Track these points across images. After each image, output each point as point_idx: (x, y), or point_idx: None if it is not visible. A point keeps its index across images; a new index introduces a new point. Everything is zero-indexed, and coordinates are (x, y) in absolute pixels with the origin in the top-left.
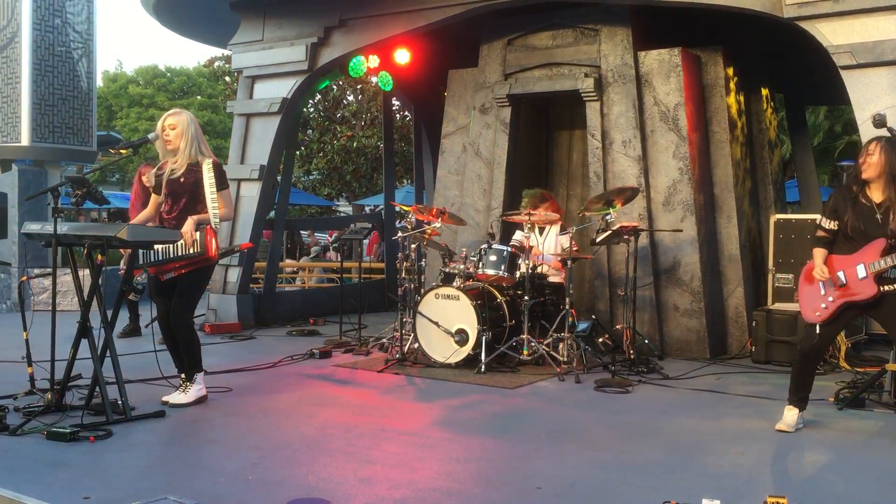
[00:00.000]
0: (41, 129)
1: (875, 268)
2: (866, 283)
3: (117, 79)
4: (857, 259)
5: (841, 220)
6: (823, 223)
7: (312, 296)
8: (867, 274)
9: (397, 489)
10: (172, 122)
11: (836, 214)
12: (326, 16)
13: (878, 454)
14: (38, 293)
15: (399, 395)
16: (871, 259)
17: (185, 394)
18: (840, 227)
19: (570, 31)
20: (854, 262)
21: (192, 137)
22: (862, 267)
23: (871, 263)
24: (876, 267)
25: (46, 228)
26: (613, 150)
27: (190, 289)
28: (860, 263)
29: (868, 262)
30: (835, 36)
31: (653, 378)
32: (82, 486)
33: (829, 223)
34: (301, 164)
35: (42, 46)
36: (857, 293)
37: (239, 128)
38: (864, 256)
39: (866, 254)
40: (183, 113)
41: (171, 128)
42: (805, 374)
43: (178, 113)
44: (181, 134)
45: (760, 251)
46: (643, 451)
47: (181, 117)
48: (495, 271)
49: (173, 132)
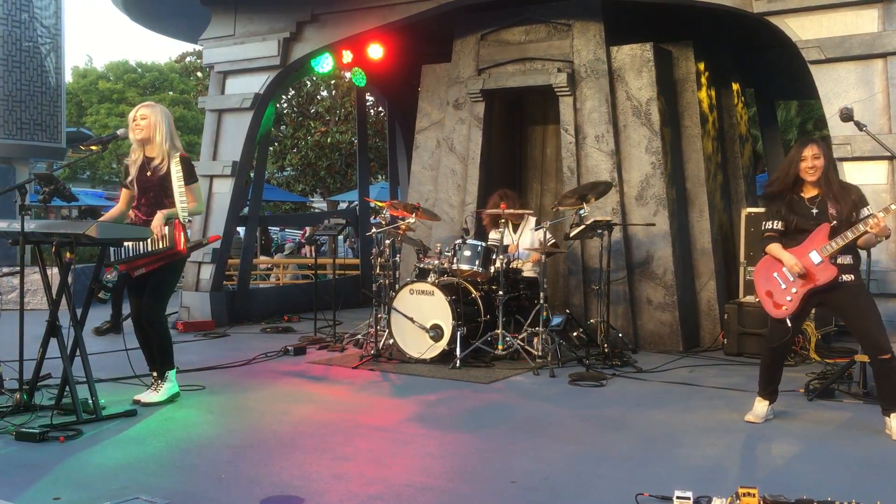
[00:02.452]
0: (9, 125)
1: (827, 251)
2: (823, 266)
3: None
4: (808, 247)
5: (786, 221)
6: (770, 225)
7: (287, 293)
8: (822, 258)
9: (371, 485)
10: (145, 113)
11: (778, 216)
12: (298, 10)
13: (848, 444)
14: (5, 292)
15: (374, 391)
16: (821, 244)
17: (156, 392)
18: (785, 226)
19: (542, 26)
20: (806, 250)
21: (167, 132)
22: (815, 253)
23: (822, 248)
24: (828, 250)
25: (14, 226)
26: (587, 145)
27: (160, 285)
28: (812, 250)
29: (819, 247)
30: (804, 31)
31: (626, 371)
32: (52, 487)
33: (775, 224)
34: (275, 160)
35: (9, 42)
36: (817, 279)
37: (211, 124)
38: (813, 243)
39: (815, 240)
40: (157, 106)
41: (142, 118)
42: (775, 369)
43: (151, 105)
44: (154, 125)
45: (732, 245)
46: (617, 444)
47: (154, 109)
48: (470, 266)
49: (144, 122)
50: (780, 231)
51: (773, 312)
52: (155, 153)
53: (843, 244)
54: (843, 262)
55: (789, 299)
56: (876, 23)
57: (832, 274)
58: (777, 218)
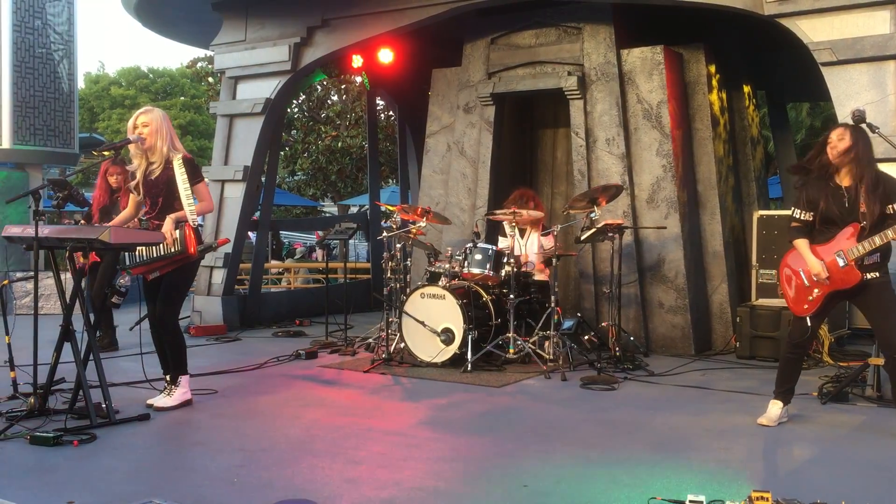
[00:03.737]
0: (22, 131)
1: (854, 254)
2: (848, 270)
3: (99, 80)
4: (834, 247)
5: (816, 210)
6: (799, 214)
7: (298, 297)
8: (847, 262)
9: (384, 489)
10: (145, 120)
11: (811, 205)
12: (309, 16)
13: (861, 448)
14: (20, 297)
15: (385, 395)
16: (847, 246)
17: (169, 397)
18: (815, 217)
19: (553, 29)
20: (831, 250)
21: (166, 135)
22: (841, 256)
23: (849, 250)
24: (855, 253)
25: (28, 232)
26: (597, 148)
27: (173, 289)
28: (838, 251)
29: (846, 249)
30: (815, 33)
31: (638, 375)
32: (66, 491)
33: (804, 214)
34: (285, 165)
35: (22, 48)
36: (841, 282)
37: (222, 129)
38: (839, 244)
39: (841, 241)
40: (154, 110)
41: (143, 125)
42: (793, 367)
43: (149, 111)
44: (155, 132)
45: (744, 247)
46: (629, 448)
47: (153, 115)
48: (481, 270)
49: (147, 129)
50: (807, 222)
51: (795, 310)
52: (155, 157)
53: (869, 249)
54: (870, 261)
55: (811, 299)
56: (888, 24)
57: (856, 279)
58: (809, 209)
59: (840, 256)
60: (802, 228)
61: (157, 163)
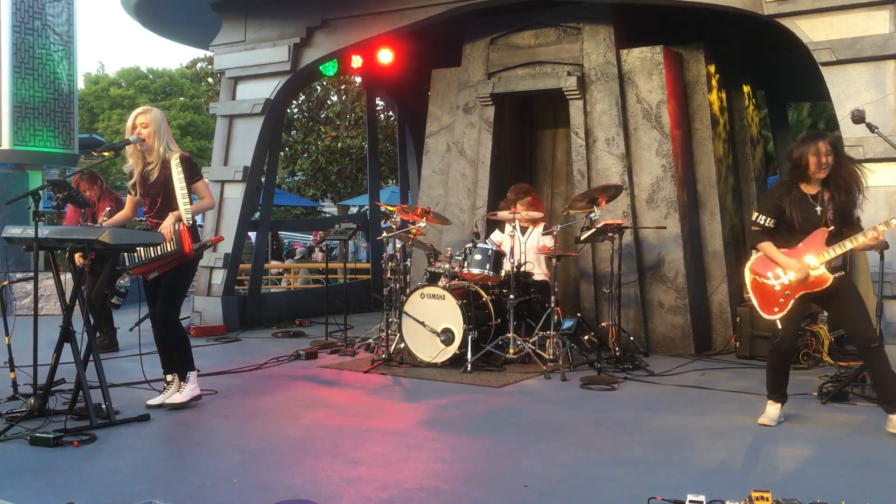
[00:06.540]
0: (22, 132)
1: (825, 258)
2: (819, 273)
3: (99, 81)
4: (804, 250)
5: (781, 217)
6: (762, 220)
7: (298, 297)
8: (818, 265)
9: (384, 489)
10: (144, 121)
11: (776, 211)
12: (309, 16)
13: (862, 447)
14: (19, 298)
15: (385, 395)
16: (818, 250)
17: (180, 393)
18: (778, 223)
19: (552, 29)
20: (800, 254)
21: (163, 135)
22: (812, 258)
23: (821, 254)
24: (826, 257)
25: (27, 232)
26: (597, 148)
27: (173, 289)
28: (808, 255)
29: (817, 253)
30: (814, 32)
31: (638, 375)
32: (66, 492)
33: (768, 221)
34: (285, 165)
35: (22, 49)
36: (813, 285)
37: (222, 129)
38: (810, 247)
39: (812, 245)
40: (153, 110)
41: (143, 126)
42: (781, 371)
43: (147, 110)
44: (154, 132)
45: (744, 247)
46: (629, 448)
47: (152, 115)
48: (480, 270)
49: (146, 130)
50: (768, 229)
51: (766, 312)
52: (153, 157)
53: (840, 253)
54: (837, 262)
55: (782, 301)
56: (887, 24)
57: (826, 281)
58: (772, 215)
59: (811, 259)
60: (763, 234)
61: (154, 163)
